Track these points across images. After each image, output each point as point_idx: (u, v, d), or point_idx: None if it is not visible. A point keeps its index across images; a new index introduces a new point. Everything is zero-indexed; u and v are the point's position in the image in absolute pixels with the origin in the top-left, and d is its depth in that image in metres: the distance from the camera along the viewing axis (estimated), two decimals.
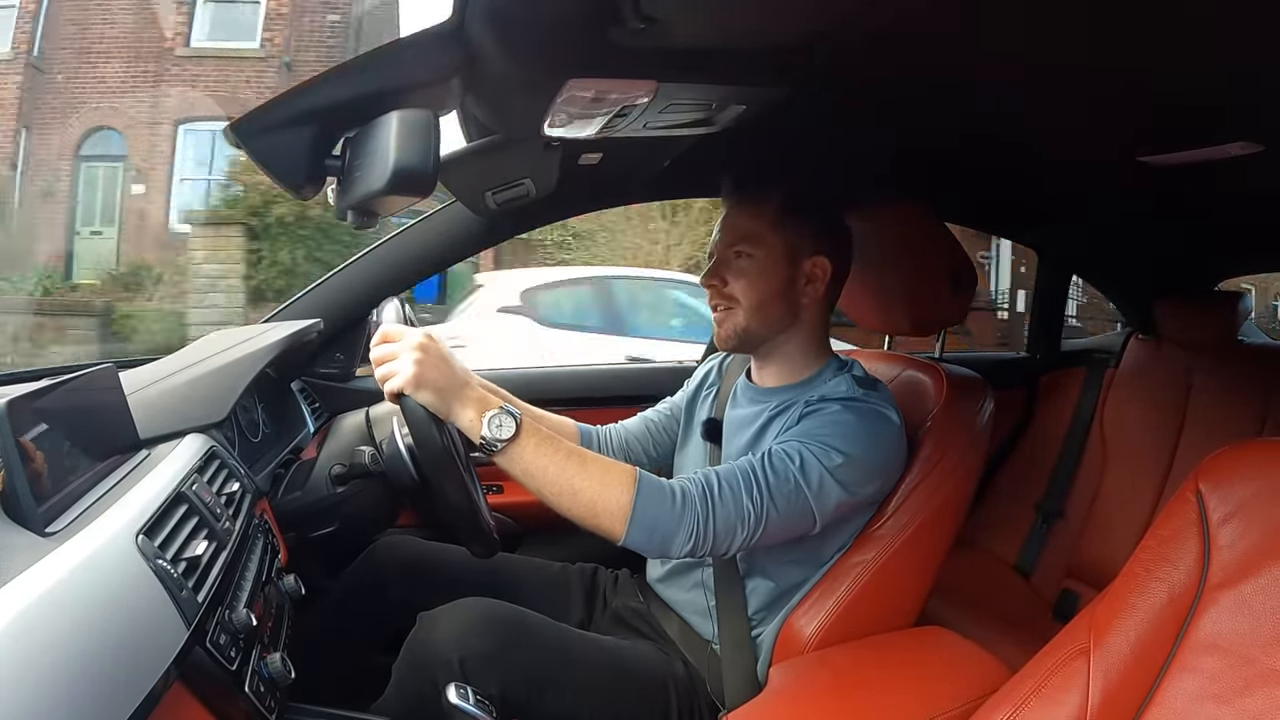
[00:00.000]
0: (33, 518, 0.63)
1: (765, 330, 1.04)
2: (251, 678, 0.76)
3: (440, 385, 0.85)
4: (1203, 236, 1.71)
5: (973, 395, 1.12)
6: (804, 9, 0.66)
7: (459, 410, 0.85)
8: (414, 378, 0.83)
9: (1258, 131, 0.97)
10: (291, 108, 0.68)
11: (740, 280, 1.03)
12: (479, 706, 0.86)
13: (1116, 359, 1.92)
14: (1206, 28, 0.70)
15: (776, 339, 1.06)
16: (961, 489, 1.06)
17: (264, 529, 0.99)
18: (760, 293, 1.03)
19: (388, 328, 0.88)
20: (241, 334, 1.12)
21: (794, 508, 0.91)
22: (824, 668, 0.98)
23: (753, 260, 1.03)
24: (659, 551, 0.89)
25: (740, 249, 1.03)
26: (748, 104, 0.88)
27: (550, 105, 0.79)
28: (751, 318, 1.03)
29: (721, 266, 1.05)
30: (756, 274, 1.03)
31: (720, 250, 1.06)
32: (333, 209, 0.75)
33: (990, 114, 1.03)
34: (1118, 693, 0.63)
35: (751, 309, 1.03)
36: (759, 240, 1.03)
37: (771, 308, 1.03)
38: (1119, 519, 1.75)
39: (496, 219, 1.37)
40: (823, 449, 0.92)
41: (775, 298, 1.03)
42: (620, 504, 0.85)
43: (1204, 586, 0.62)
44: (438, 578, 1.13)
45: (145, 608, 0.63)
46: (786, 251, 1.03)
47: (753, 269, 1.03)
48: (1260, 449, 0.66)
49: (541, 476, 0.86)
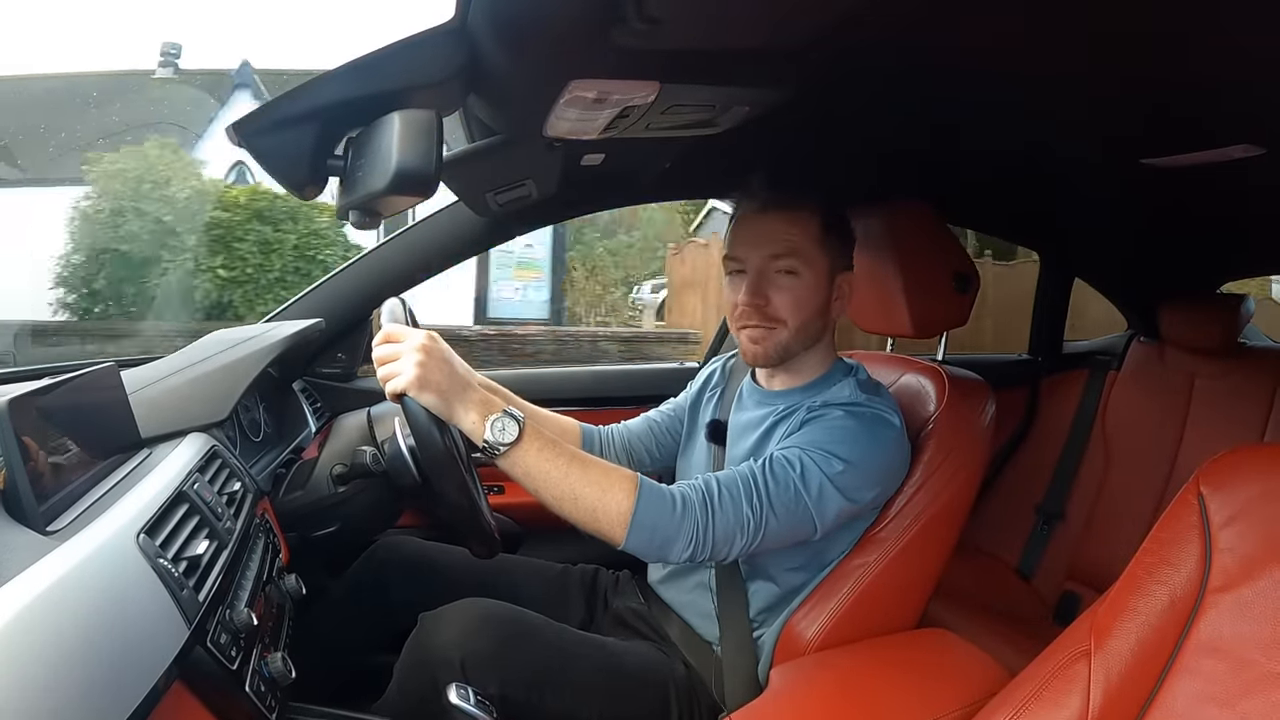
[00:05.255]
0: (34, 516, 0.63)
1: (801, 348, 1.02)
2: (252, 677, 0.76)
3: (443, 387, 0.84)
4: (1205, 239, 1.71)
5: (975, 397, 1.11)
6: (807, 10, 0.66)
7: (461, 413, 0.85)
8: (416, 379, 0.83)
9: (1259, 134, 0.97)
10: (294, 107, 0.68)
11: (786, 298, 0.98)
12: (479, 707, 0.86)
13: (1118, 361, 1.92)
14: (1207, 30, 0.70)
15: (802, 353, 1.04)
16: (963, 491, 1.05)
17: (265, 528, 1.00)
18: (806, 311, 0.99)
19: (390, 328, 0.88)
20: (243, 333, 1.12)
21: (794, 515, 0.91)
22: (825, 670, 0.98)
23: (799, 279, 0.98)
24: (658, 557, 0.89)
25: (786, 265, 0.98)
26: (751, 105, 0.88)
27: (552, 106, 0.79)
28: (794, 337, 0.99)
29: (763, 283, 0.99)
30: (803, 292, 0.98)
31: (761, 262, 0.99)
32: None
33: (992, 115, 1.03)
34: (1119, 695, 0.63)
35: (796, 329, 0.99)
36: (806, 256, 0.97)
37: (812, 326, 1.01)
38: (1120, 521, 1.75)
39: (498, 219, 1.37)
40: (824, 456, 0.91)
41: (816, 315, 1.00)
42: (621, 510, 0.85)
43: (1205, 589, 0.62)
44: (439, 578, 1.13)
45: (146, 607, 0.63)
46: (829, 269, 1.00)
47: (800, 288, 0.98)
48: (1262, 453, 0.66)
49: (543, 480, 0.85)
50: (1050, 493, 1.89)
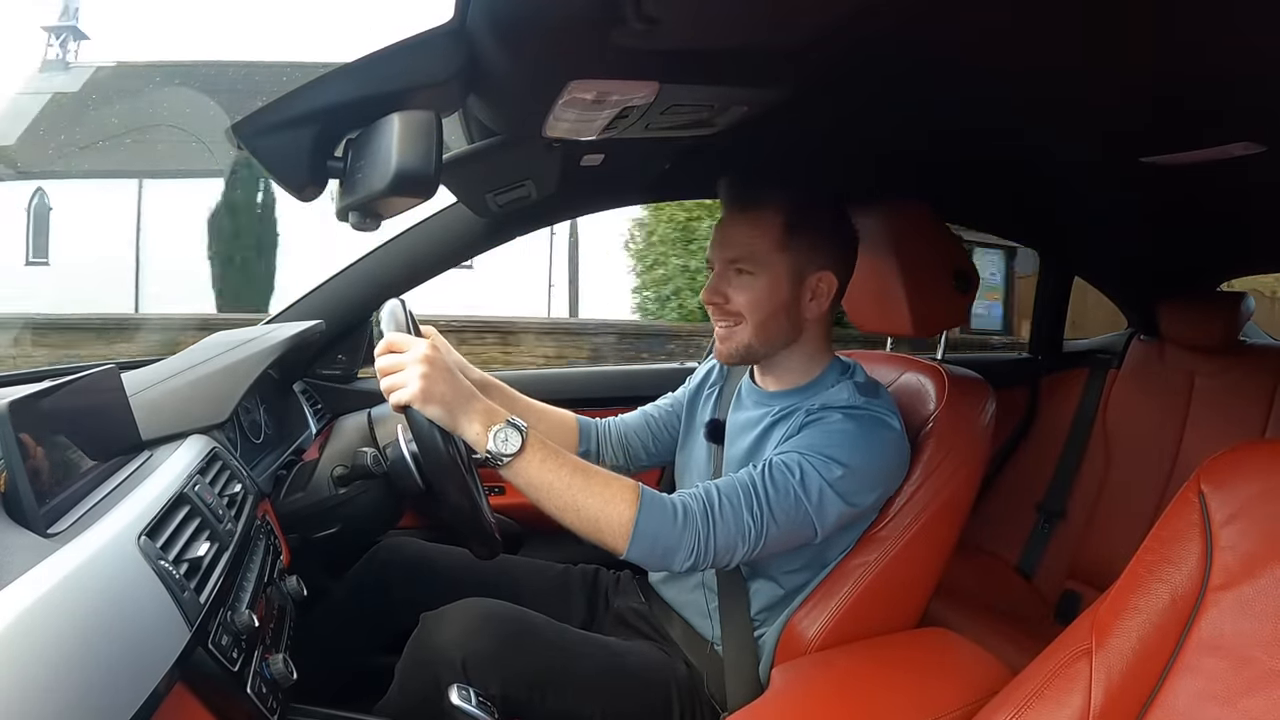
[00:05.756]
0: (35, 519, 0.64)
1: (768, 346, 1.02)
2: (254, 679, 0.76)
3: (447, 399, 0.84)
4: (1205, 237, 1.71)
5: (975, 396, 1.11)
6: (806, 9, 0.66)
7: (465, 424, 0.85)
8: (421, 392, 0.83)
9: (1260, 132, 0.97)
10: (293, 109, 0.68)
11: (742, 296, 1.00)
12: (481, 707, 0.86)
13: (1119, 360, 1.92)
14: (1209, 28, 0.70)
15: (779, 353, 1.04)
16: (963, 490, 1.05)
17: (266, 530, 1.00)
18: (764, 310, 0.99)
19: (393, 337, 0.88)
20: (243, 335, 1.12)
21: (794, 521, 0.91)
22: (826, 669, 0.98)
23: (754, 278, 0.99)
24: (660, 566, 0.89)
25: (741, 266, 1.00)
26: (750, 105, 0.88)
27: (552, 106, 0.79)
28: (755, 335, 1.00)
29: (721, 283, 1.01)
30: (759, 291, 0.99)
31: (721, 266, 1.02)
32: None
33: (992, 114, 1.03)
34: (1120, 694, 0.63)
35: (755, 327, 1.00)
36: (761, 259, 0.99)
37: (775, 324, 1.01)
38: (1121, 520, 1.75)
39: (498, 220, 1.37)
40: (823, 461, 0.91)
41: (779, 314, 1.00)
42: (623, 520, 0.85)
43: (1206, 587, 0.62)
44: (440, 579, 1.13)
45: (147, 609, 0.63)
46: (790, 271, 0.99)
47: (755, 286, 0.99)
48: (1262, 450, 0.66)
49: (545, 491, 0.85)
50: (1051, 491, 1.89)
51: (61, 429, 0.73)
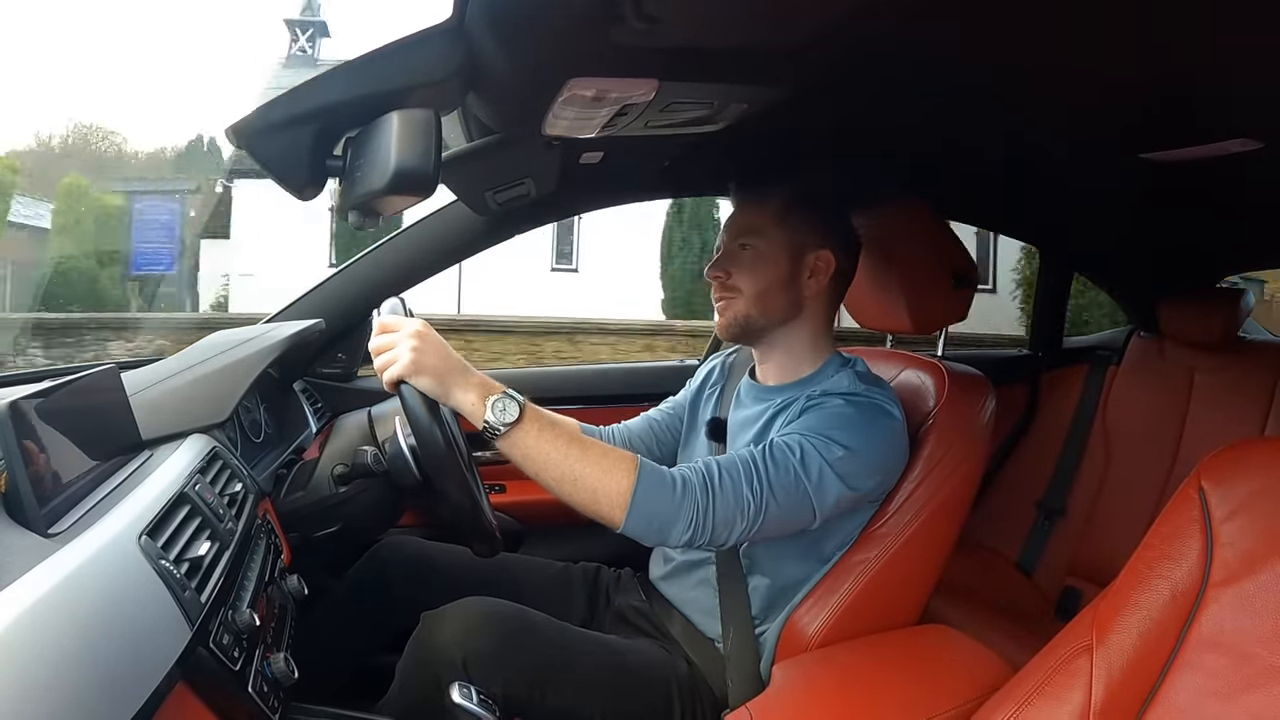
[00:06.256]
0: (35, 519, 0.63)
1: (766, 320, 1.05)
2: (255, 678, 0.76)
3: (439, 370, 0.85)
4: (1204, 233, 1.71)
5: (975, 393, 1.11)
6: (806, 9, 0.66)
7: (460, 394, 0.85)
8: (411, 363, 0.84)
9: (1257, 129, 0.97)
10: (292, 108, 0.68)
11: (742, 270, 1.04)
12: (482, 705, 0.86)
13: (1119, 356, 1.92)
14: (1206, 24, 0.70)
15: (777, 331, 1.06)
16: (963, 487, 1.06)
17: (267, 529, 1.00)
18: (762, 282, 1.03)
19: (386, 319, 0.89)
20: (243, 334, 1.12)
21: (793, 499, 0.91)
22: (827, 666, 0.98)
23: (754, 251, 1.04)
24: (657, 539, 0.89)
25: (744, 241, 1.05)
26: (749, 102, 0.88)
27: (551, 104, 0.79)
28: (752, 306, 1.04)
29: (725, 259, 1.06)
30: (758, 263, 1.04)
31: (726, 244, 1.07)
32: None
33: (991, 111, 1.03)
34: (1120, 690, 0.63)
35: (752, 298, 1.04)
36: (761, 233, 1.04)
37: (773, 298, 1.04)
38: (1121, 516, 1.75)
39: (498, 218, 1.37)
40: (823, 442, 0.92)
41: (777, 287, 1.04)
42: (620, 490, 0.85)
43: (1206, 584, 0.62)
44: (440, 577, 1.13)
45: (148, 609, 0.63)
46: (789, 244, 1.04)
47: (754, 259, 1.04)
48: (1262, 447, 0.66)
49: (543, 461, 0.86)
50: (1051, 488, 1.89)
51: (62, 429, 0.73)
